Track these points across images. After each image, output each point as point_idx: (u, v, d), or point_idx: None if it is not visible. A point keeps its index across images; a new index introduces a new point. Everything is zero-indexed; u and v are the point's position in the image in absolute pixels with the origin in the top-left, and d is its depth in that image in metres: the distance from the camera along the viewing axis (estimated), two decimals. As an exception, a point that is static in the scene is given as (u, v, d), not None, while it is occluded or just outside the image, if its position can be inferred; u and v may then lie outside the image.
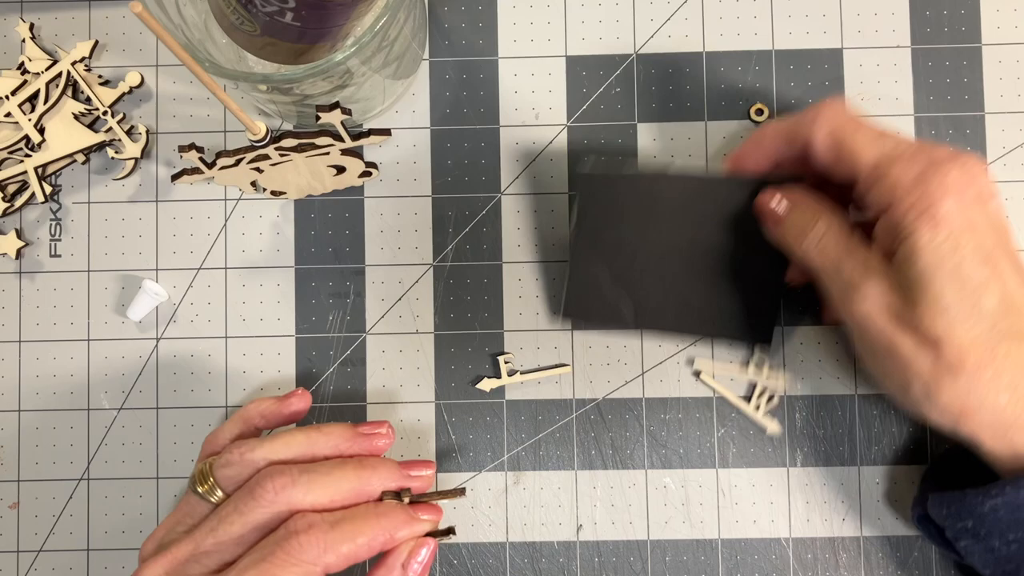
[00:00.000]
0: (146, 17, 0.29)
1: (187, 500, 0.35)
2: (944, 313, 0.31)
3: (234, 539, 0.32)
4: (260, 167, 0.39)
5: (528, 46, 0.43)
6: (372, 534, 0.32)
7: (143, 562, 0.33)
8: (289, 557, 0.31)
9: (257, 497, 0.32)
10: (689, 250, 0.39)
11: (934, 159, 0.32)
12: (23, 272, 0.43)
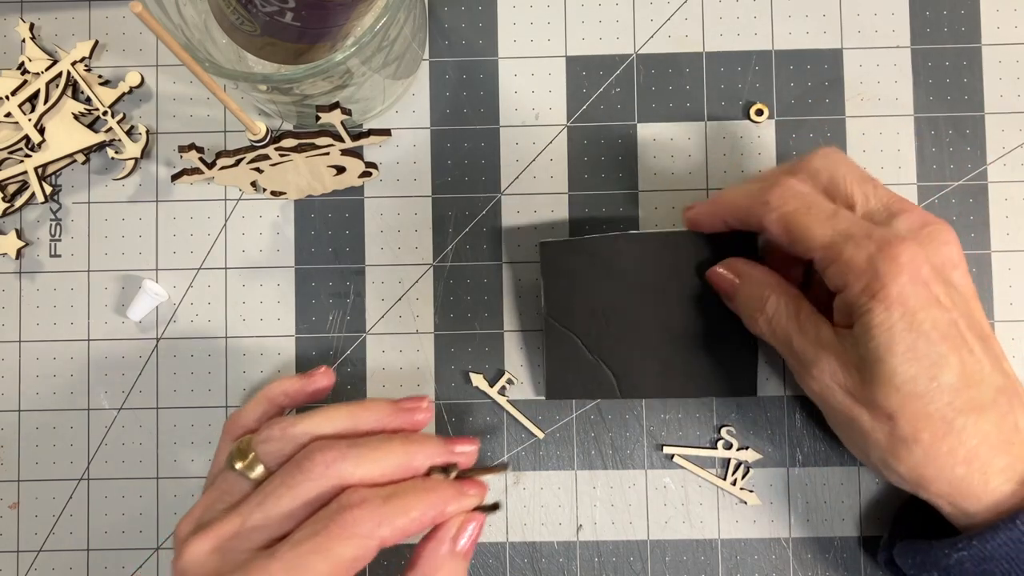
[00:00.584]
0: (146, 17, 0.29)
1: (224, 478, 0.34)
2: (898, 391, 0.32)
3: (283, 514, 0.31)
4: (260, 167, 0.39)
5: (528, 46, 0.43)
6: (423, 508, 0.32)
7: (183, 542, 0.32)
8: (344, 530, 0.30)
9: (306, 470, 0.32)
10: (660, 309, 0.39)
11: (886, 239, 0.32)
12: (23, 272, 0.43)
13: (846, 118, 0.43)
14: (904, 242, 0.31)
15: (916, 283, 0.31)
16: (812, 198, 0.34)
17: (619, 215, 0.43)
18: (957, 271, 0.33)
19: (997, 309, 0.42)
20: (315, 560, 0.29)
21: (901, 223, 0.33)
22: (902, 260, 0.31)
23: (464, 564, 0.33)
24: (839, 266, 0.32)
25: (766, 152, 0.43)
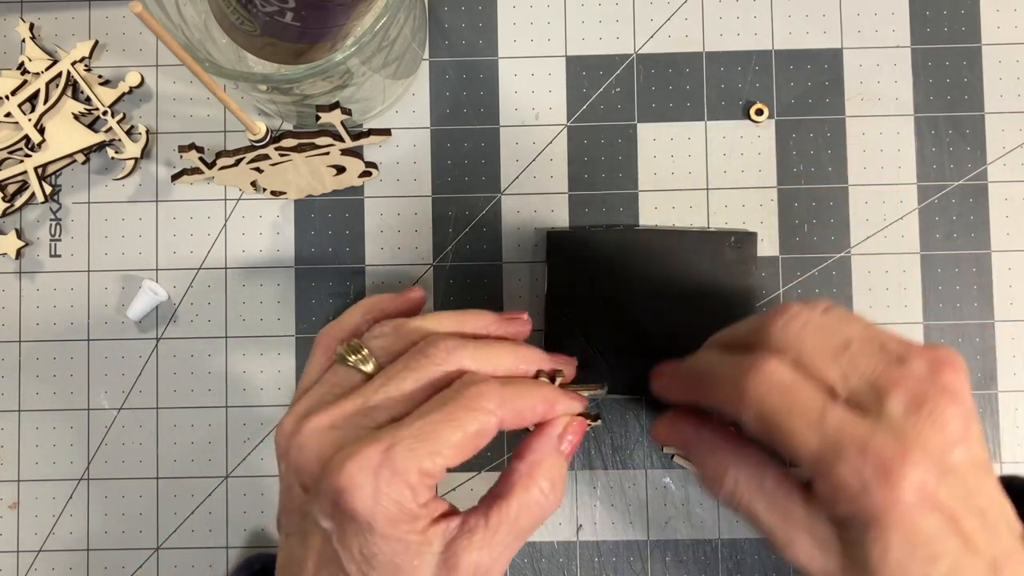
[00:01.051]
0: (146, 17, 0.29)
1: (334, 372, 0.34)
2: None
3: (405, 395, 0.31)
4: (260, 167, 0.39)
5: (528, 46, 0.43)
6: (537, 398, 0.33)
7: (299, 422, 0.31)
8: (471, 402, 0.30)
9: (430, 355, 0.32)
10: (661, 306, 0.40)
11: (883, 457, 0.28)
12: (23, 272, 0.43)
13: (846, 118, 0.43)
14: (903, 457, 0.28)
15: (916, 506, 0.28)
16: (795, 393, 0.29)
17: (619, 215, 0.43)
18: (959, 448, 0.29)
19: (997, 309, 0.42)
20: (445, 428, 0.30)
21: (894, 407, 0.29)
22: (902, 488, 0.28)
23: (564, 464, 0.33)
24: (828, 483, 0.29)
25: (766, 152, 0.43)
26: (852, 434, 0.28)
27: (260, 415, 0.43)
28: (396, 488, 0.29)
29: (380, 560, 0.30)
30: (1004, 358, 0.42)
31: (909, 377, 0.29)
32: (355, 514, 0.29)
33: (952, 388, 0.29)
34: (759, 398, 0.30)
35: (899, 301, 0.42)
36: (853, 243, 0.43)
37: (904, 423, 0.28)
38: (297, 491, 0.32)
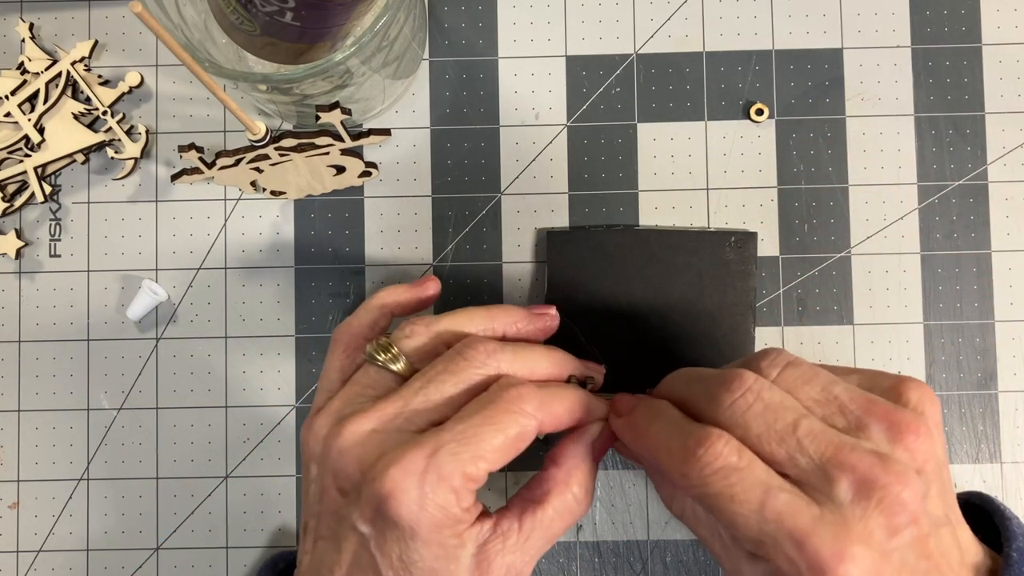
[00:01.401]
0: (146, 17, 0.29)
1: (365, 372, 0.33)
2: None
3: (445, 398, 0.31)
4: (260, 167, 0.39)
5: (528, 46, 0.43)
6: (574, 402, 0.33)
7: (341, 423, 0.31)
8: (511, 405, 0.30)
9: (469, 359, 0.32)
10: (659, 306, 0.40)
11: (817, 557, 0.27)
12: (23, 272, 0.43)
13: (846, 118, 0.43)
14: (840, 557, 0.27)
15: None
16: (737, 477, 0.28)
17: (619, 215, 0.43)
18: (908, 530, 0.28)
19: (997, 309, 0.42)
20: (486, 431, 0.30)
21: (842, 493, 0.28)
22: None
23: (595, 471, 0.34)
24: (767, 566, 0.29)
25: (766, 152, 0.43)
26: (791, 527, 0.27)
27: (260, 415, 0.43)
28: (441, 493, 0.29)
29: (419, 567, 0.30)
30: (1004, 358, 0.42)
31: (860, 460, 0.28)
32: (399, 520, 0.29)
33: (912, 456, 0.28)
34: (702, 481, 0.29)
35: (899, 301, 0.42)
36: (853, 243, 0.43)
37: (851, 512, 0.27)
38: (334, 495, 0.31)
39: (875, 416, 0.29)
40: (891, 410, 0.29)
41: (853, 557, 0.27)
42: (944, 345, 0.42)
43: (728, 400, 0.30)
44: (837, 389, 0.30)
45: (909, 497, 0.27)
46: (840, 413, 0.29)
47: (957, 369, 0.42)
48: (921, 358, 0.42)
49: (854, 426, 0.29)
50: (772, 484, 0.28)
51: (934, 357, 0.42)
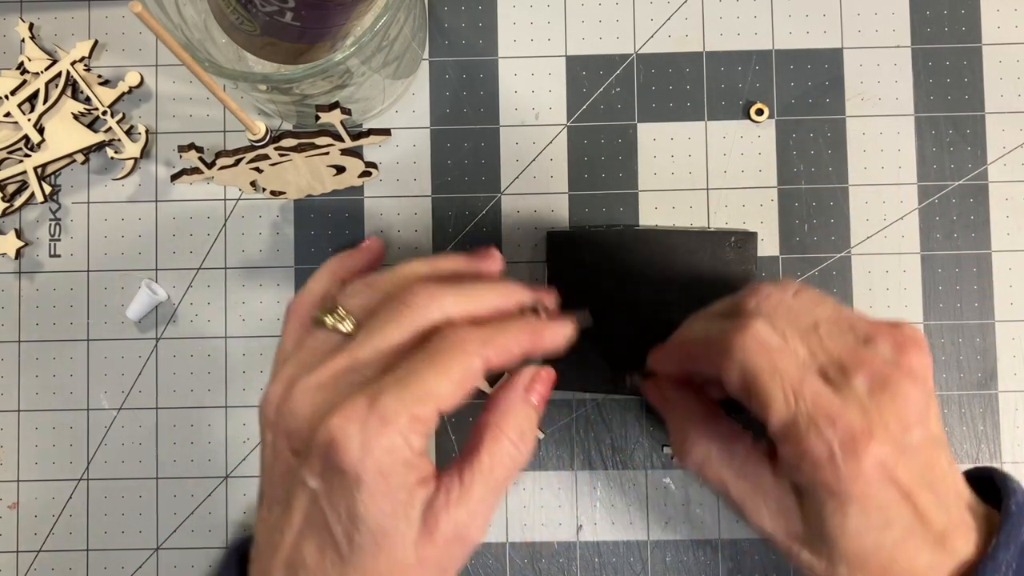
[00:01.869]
0: (146, 17, 0.29)
1: (313, 337, 0.33)
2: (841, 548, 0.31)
3: (392, 347, 0.31)
4: (260, 167, 0.39)
5: (528, 46, 0.43)
6: (521, 332, 0.32)
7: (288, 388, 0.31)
8: (454, 347, 0.30)
9: (411, 304, 0.31)
10: (660, 307, 0.40)
11: (850, 432, 0.29)
12: (23, 272, 0.43)
13: (846, 118, 0.43)
14: (869, 434, 0.29)
15: (876, 480, 0.30)
16: (780, 356, 0.31)
17: (619, 215, 0.43)
18: (917, 428, 0.30)
19: (997, 309, 0.42)
20: (429, 374, 0.30)
21: (859, 386, 0.30)
22: (866, 462, 0.29)
23: (534, 415, 0.33)
24: (796, 449, 0.30)
25: (766, 152, 0.43)
26: (825, 405, 0.29)
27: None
28: (387, 437, 0.29)
29: (366, 522, 0.29)
30: (1004, 358, 0.42)
31: (874, 358, 0.31)
32: (344, 467, 0.28)
33: (914, 369, 0.31)
34: (744, 355, 0.31)
35: (899, 301, 0.42)
36: (853, 243, 0.43)
37: (868, 402, 0.30)
38: (286, 456, 0.31)
39: (881, 333, 0.31)
40: (895, 330, 0.32)
41: (880, 438, 0.29)
42: (944, 345, 0.42)
43: (754, 301, 0.32)
44: (846, 311, 0.32)
45: (916, 393, 0.30)
46: (850, 329, 0.32)
47: (957, 369, 0.42)
48: (921, 358, 0.42)
49: (863, 340, 0.31)
50: (809, 367, 0.31)
51: (934, 357, 0.42)
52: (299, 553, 0.30)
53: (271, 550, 0.31)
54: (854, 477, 0.29)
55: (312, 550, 0.30)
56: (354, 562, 0.29)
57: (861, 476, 0.29)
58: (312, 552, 0.30)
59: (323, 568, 0.30)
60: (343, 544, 0.29)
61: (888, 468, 0.30)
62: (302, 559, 0.30)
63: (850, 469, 0.29)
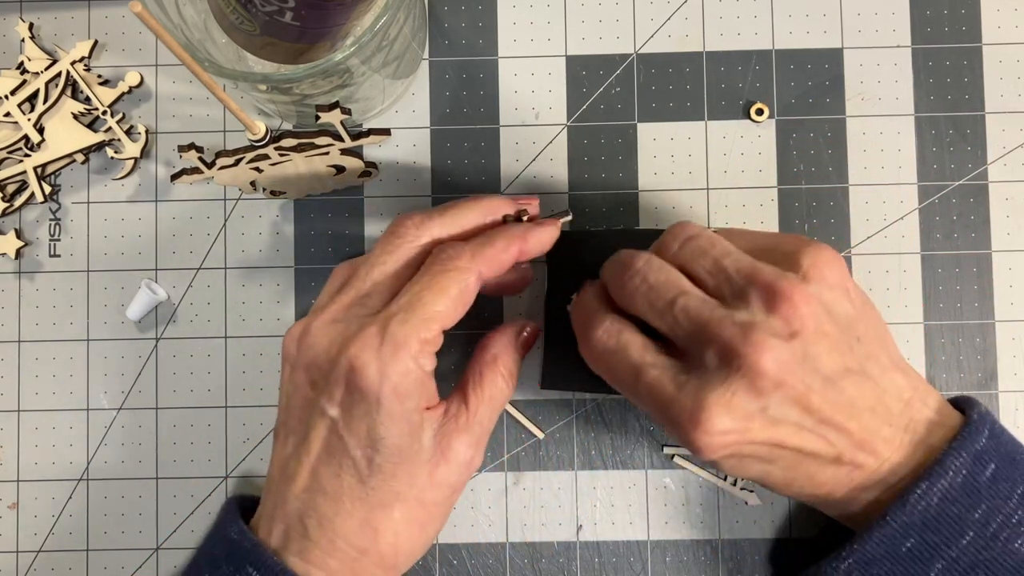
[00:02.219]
0: (146, 17, 0.29)
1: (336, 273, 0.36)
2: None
3: (390, 276, 0.34)
4: (259, 167, 0.39)
5: (528, 46, 0.43)
6: (507, 239, 0.35)
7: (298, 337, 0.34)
8: (445, 266, 0.33)
9: (400, 235, 0.35)
10: None
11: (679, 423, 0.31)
12: (23, 272, 0.43)
13: (846, 118, 0.43)
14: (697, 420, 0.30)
15: (722, 453, 0.31)
16: (613, 358, 0.33)
17: (619, 215, 0.43)
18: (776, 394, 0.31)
19: (997, 309, 0.42)
20: (428, 295, 0.32)
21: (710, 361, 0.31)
22: (701, 446, 0.31)
23: (520, 360, 0.37)
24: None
25: (766, 152, 0.43)
26: (657, 398, 0.32)
27: (260, 415, 0.43)
28: (401, 360, 0.31)
29: (386, 443, 0.31)
30: (1004, 358, 0.42)
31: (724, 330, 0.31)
32: (366, 391, 0.31)
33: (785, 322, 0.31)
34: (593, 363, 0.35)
35: (899, 301, 0.42)
36: (853, 243, 0.43)
37: (715, 377, 0.31)
38: (305, 390, 0.33)
39: (755, 285, 0.31)
40: (771, 280, 0.31)
41: (713, 415, 0.30)
42: (944, 345, 0.42)
43: (619, 283, 0.34)
44: (727, 261, 0.33)
45: (769, 363, 0.30)
46: (727, 283, 0.32)
47: (957, 369, 0.42)
48: (921, 358, 0.42)
49: (737, 295, 0.32)
50: (644, 363, 0.32)
51: (934, 357, 0.42)
52: (317, 480, 0.32)
53: (286, 480, 0.33)
54: (698, 451, 0.31)
55: (330, 475, 0.32)
56: (373, 483, 0.32)
57: (702, 453, 0.31)
58: (330, 477, 0.32)
59: (341, 491, 0.32)
60: (362, 466, 0.32)
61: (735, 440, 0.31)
62: (320, 485, 0.32)
63: (692, 447, 0.31)
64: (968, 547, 0.31)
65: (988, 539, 0.31)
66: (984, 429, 0.33)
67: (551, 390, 0.42)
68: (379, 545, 0.32)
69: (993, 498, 0.32)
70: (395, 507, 0.32)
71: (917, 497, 0.31)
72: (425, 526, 0.33)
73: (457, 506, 0.42)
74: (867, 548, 0.32)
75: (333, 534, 0.32)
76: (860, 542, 0.32)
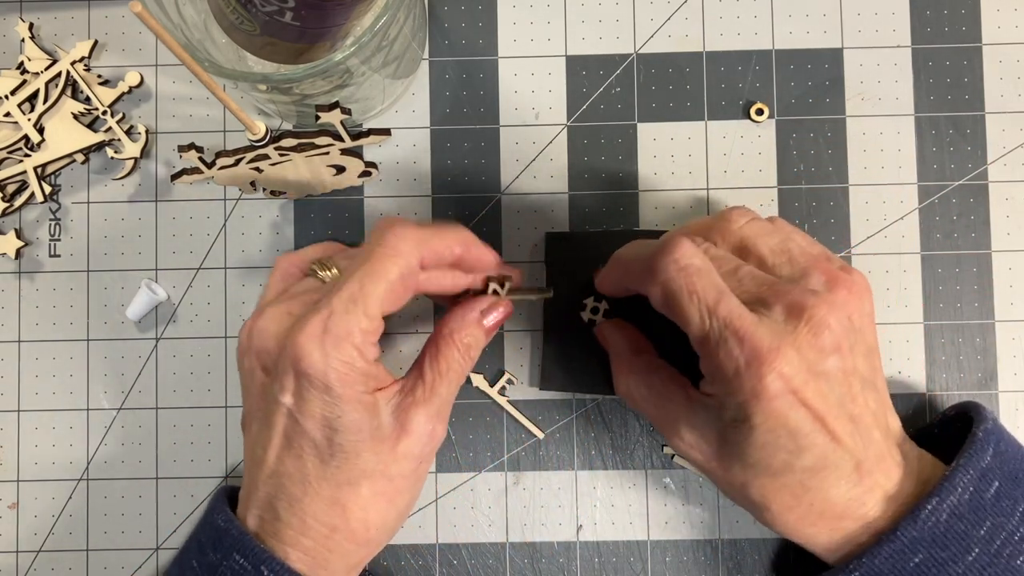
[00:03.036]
0: (146, 17, 0.29)
1: (303, 283, 0.36)
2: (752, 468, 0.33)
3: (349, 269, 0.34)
4: (260, 167, 0.39)
5: (528, 46, 0.43)
6: (453, 240, 0.35)
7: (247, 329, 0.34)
8: (387, 250, 0.33)
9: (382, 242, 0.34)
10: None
11: (757, 351, 0.30)
12: (23, 272, 0.43)
13: (846, 118, 0.43)
14: (775, 353, 0.30)
15: (781, 399, 0.31)
16: (698, 275, 0.32)
17: (619, 215, 0.43)
18: (833, 357, 0.32)
19: (997, 309, 0.42)
20: (369, 284, 0.32)
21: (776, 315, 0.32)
22: (769, 377, 0.30)
23: (484, 338, 0.36)
24: (710, 364, 0.32)
25: (766, 152, 0.43)
26: (737, 325, 0.31)
27: (260, 415, 0.43)
28: (343, 350, 0.32)
29: (344, 422, 0.32)
30: (1004, 358, 0.42)
31: (793, 290, 0.32)
32: (311, 377, 0.31)
33: (836, 302, 0.32)
34: (666, 275, 0.33)
35: (899, 301, 0.42)
36: (853, 243, 0.43)
37: (784, 327, 0.31)
38: (259, 376, 0.34)
39: (818, 268, 0.33)
40: (832, 269, 0.33)
41: (787, 356, 0.30)
42: (944, 345, 0.42)
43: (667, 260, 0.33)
44: (791, 244, 0.34)
45: (835, 322, 0.31)
46: (789, 263, 0.34)
47: (957, 369, 0.42)
48: (921, 358, 0.42)
49: (798, 274, 0.33)
50: (726, 290, 0.32)
51: (934, 357, 0.42)
52: (282, 463, 0.33)
53: (256, 465, 0.34)
54: (756, 393, 0.30)
55: (293, 458, 0.33)
56: (336, 463, 0.33)
57: (766, 391, 0.30)
58: (294, 460, 0.33)
59: (306, 472, 0.33)
60: (323, 447, 0.32)
61: (794, 387, 0.30)
62: (285, 468, 0.33)
63: (754, 384, 0.30)
64: (974, 564, 0.31)
65: (992, 556, 0.31)
66: (989, 447, 0.33)
67: (551, 390, 0.42)
68: (349, 522, 0.33)
69: (997, 515, 0.32)
70: (362, 484, 0.33)
71: (928, 513, 0.31)
72: (394, 500, 0.34)
73: (457, 506, 0.42)
74: (875, 563, 0.32)
75: (303, 514, 0.33)
76: (869, 556, 0.32)
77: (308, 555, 0.33)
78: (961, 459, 0.33)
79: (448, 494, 0.42)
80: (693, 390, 0.35)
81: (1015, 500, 0.32)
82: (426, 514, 0.42)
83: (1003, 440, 0.34)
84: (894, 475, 0.33)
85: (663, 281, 0.33)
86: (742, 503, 0.34)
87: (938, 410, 0.41)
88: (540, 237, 0.43)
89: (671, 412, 0.35)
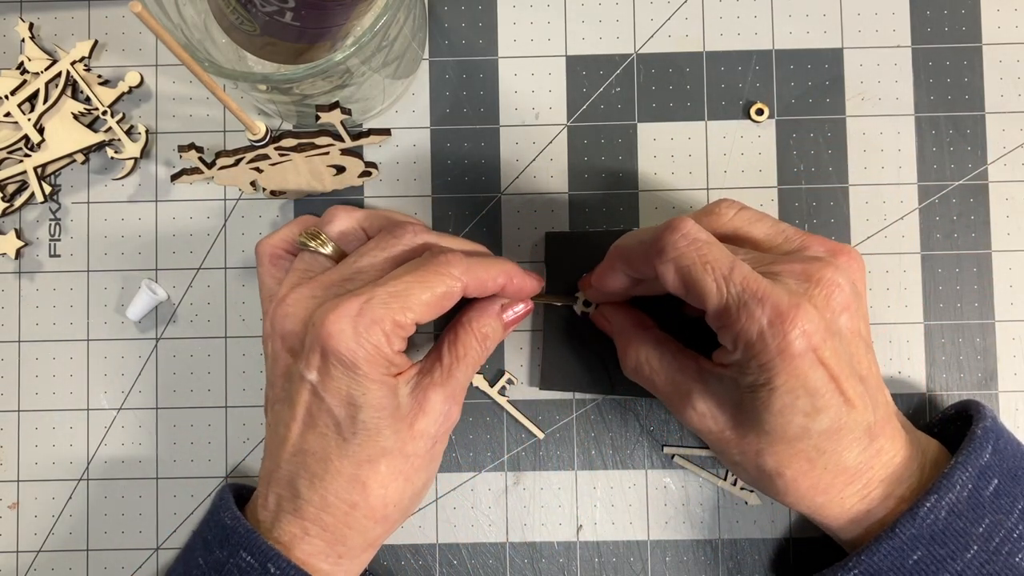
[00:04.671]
0: (146, 17, 0.29)
1: (300, 259, 0.37)
2: (768, 435, 0.33)
3: (376, 266, 0.35)
4: (260, 167, 0.39)
5: (528, 46, 0.43)
6: (497, 271, 0.36)
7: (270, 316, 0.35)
8: (439, 268, 0.34)
9: (399, 235, 0.36)
10: (658, 307, 0.39)
11: (777, 310, 0.31)
12: (23, 272, 0.43)
13: (846, 118, 0.43)
14: (796, 310, 0.31)
15: (804, 356, 0.31)
16: (709, 248, 0.32)
17: (619, 215, 0.43)
18: (844, 314, 0.33)
19: (997, 309, 0.42)
20: (415, 287, 0.33)
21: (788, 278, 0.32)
22: (792, 337, 0.31)
23: (501, 331, 0.38)
24: (731, 333, 0.32)
25: (766, 152, 0.43)
26: (755, 287, 0.31)
27: (260, 415, 0.43)
28: (374, 334, 0.32)
29: (367, 399, 0.33)
30: (1004, 358, 0.42)
31: (800, 259, 0.33)
32: (340, 355, 0.32)
33: (841, 266, 0.33)
34: (676, 252, 0.32)
35: (899, 301, 0.42)
36: (853, 243, 0.43)
37: (797, 287, 0.32)
38: (284, 358, 0.35)
39: (816, 241, 0.35)
40: (829, 241, 0.35)
41: (808, 312, 0.31)
42: (944, 345, 0.42)
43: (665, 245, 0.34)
44: (783, 226, 0.36)
45: (844, 283, 0.32)
46: (786, 241, 0.35)
47: (957, 369, 0.42)
48: (921, 358, 0.42)
49: (798, 248, 0.35)
50: (737, 259, 0.32)
51: (934, 357, 0.42)
52: (305, 441, 0.34)
53: (278, 444, 0.35)
54: (781, 350, 0.31)
55: (316, 436, 0.34)
56: (358, 440, 0.33)
57: (788, 349, 0.31)
58: (316, 438, 0.34)
59: (328, 450, 0.33)
60: (346, 424, 0.33)
61: (816, 346, 0.31)
62: (308, 446, 0.34)
63: (777, 343, 0.31)
64: (972, 560, 0.31)
65: (991, 553, 0.32)
66: (988, 444, 0.33)
67: (551, 390, 0.42)
68: (369, 499, 0.34)
69: (996, 512, 0.32)
70: (381, 461, 0.34)
71: (927, 510, 0.32)
72: (411, 478, 0.35)
73: (457, 506, 0.42)
74: (874, 560, 0.32)
75: (324, 491, 0.34)
76: (868, 553, 0.32)
77: (328, 531, 0.34)
78: (960, 456, 0.33)
79: (448, 494, 0.42)
80: (705, 360, 0.35)
81: (1014, 497, 0.33)
82: (426, 514, 0.42)
83: (1002, 438, 0.34)
84: (898, 439, 0.33)
85: (675, 257, 0.32)
86: (754, 473, 0.34)
87: (938, 410, 0.41)
88: (540, 237, 0.43)
89: (683, 383, 0.35)
